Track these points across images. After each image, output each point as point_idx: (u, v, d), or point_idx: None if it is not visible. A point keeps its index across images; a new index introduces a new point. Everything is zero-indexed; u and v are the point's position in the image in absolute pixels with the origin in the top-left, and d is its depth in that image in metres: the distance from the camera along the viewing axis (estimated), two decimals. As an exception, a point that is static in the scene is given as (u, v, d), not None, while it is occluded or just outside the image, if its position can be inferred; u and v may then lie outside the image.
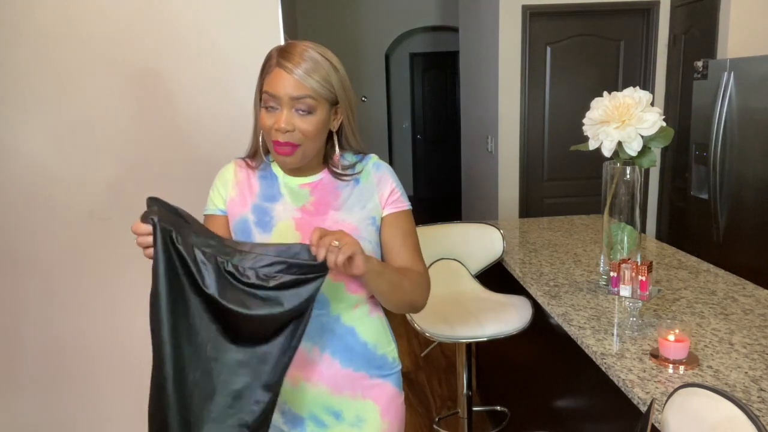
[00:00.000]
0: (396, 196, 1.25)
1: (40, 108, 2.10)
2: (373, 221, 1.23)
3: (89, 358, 2.28)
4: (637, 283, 1.64)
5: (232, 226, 1.24)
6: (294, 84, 1.11)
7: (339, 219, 1.20)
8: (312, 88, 1.11)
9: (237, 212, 1.24)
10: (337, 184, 1.24)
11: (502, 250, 2.33)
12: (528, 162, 4.12)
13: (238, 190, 1.25)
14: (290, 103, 1.12)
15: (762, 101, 2.90)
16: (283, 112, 1.12)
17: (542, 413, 2.23)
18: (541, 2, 3.87)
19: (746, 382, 1.34)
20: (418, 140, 8.32)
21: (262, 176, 1.26)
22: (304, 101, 1.12)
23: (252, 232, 1.21)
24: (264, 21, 2.11)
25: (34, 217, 2.16)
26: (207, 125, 2.15)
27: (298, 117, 1.13)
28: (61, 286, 2.21)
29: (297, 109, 1.12)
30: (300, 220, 1.21)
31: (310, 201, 1.22)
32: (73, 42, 2.07)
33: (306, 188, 1.23)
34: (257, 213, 1.22)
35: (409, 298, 1.21)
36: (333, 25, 6.98)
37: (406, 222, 1.26)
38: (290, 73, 1.11)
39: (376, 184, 1.24)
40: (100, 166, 2.16)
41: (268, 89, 1.13)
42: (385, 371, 1.29)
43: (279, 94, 1.11)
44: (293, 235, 1.20)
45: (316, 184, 1.24)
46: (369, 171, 1.25)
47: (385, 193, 1.24)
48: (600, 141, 1.74)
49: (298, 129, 1.13)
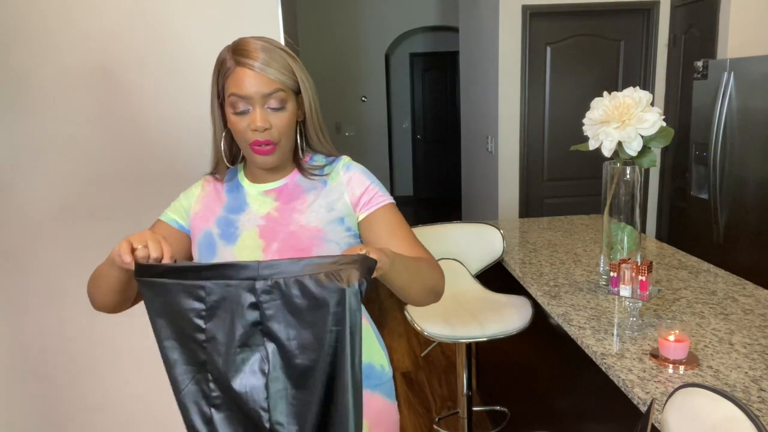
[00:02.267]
0: (371, 194, 1.20)
1: (41, 108, 2.10)
2: (342, 222, 1.18)
3: (90, 358, 2.28)
4: (637, 283, 1.64)
5: (197, 240, 1.21)
6: (261, 80, 1.09)
7: (304, 223, 1.16)
8: (279, 81, 1.10)
9: (201, 226, 1.22)
10: (303, 187, 1.21)
11: (502, 250, 2.33)
12: (528, 162, 4.12)
13: (203, 204, 1.24)
14: (262, 100, 1.10)
15: (762, 101, 2.90)
16: (257, 111, 1.10)
17: (542, 413, 2.23)
18: (541, 2, 3.87)
19: (746, 382, 1.34)
20: (418, 140, 8.32)
21: (230, 188, 1.24)
22: (276, 96, 1.10)
23: (216, 245, 1.18)
24: (264, 21, 2.11)
25: (34, 217, 2.16)
26: (206, 126, 2.14)
27: (271, 114, 1.11)
28: (61, 286, 2.21)
29: (269, 106, 1.11)
30: (264, 227, 1.18)
31: (274, 207, 1.19)
32: (73, 42, 2.07)
33: (271, 194, 1.21)
34: (222, 225, 1.20)
35: (431, 283, 1.13)
36: (333, 24, 6.97)
37: (389, 215, 1.20)
38: (253, 69, 1.08)
39: (346, 184, 1.20)
40: (100, 166, 2.16)
41: (235, 91, 1.09)
42: (373, 381, 1.24)
43: (249, 93, 1.09)
44: (257, 243, 1.17)
45: (281, 189, 1.21)
46: (338, 172, 1.22)
47: (357, 192, 1.20)
48: (600, 141, 1.74)
49: (274, 126, 1.12)
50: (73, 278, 2.20)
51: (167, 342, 0.97)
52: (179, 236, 1.23)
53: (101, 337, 2.27)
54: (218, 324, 0.95)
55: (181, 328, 0.96)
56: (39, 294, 2.22)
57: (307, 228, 1.16)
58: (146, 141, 2.16)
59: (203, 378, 0.97)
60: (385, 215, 1.20)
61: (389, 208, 1.21)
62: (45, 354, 2.26)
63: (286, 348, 0.94)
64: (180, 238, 1.23)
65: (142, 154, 2.17)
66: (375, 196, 1.21)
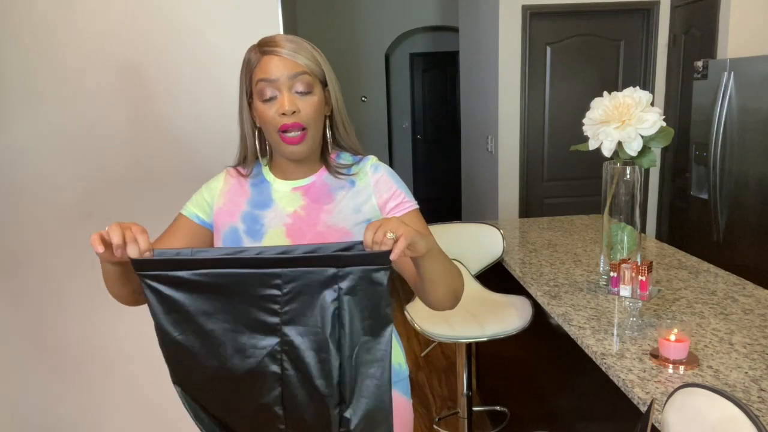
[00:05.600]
0: (399, 199, 1.20)
1: (39, 109, 2.10)
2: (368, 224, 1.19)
3: (90, 357, 2.28)
4: (637, 283, 1.64)
5: (222, 234, 1.20)
6: (287, 63, 1.11)
7: (331, 224, 1.17)
8: (306, 65, 1.12)
9: (226, 222, 1.21)
10: (331, 186, 1.21)
11: (502, 250, 2.33)
12: (528, 162, 4.12)
13: (226, 198, 1.23)
14: (288, 83, 1.11)
15: (762, 101, 2.90)
16: (285, 96, 1.11)
17: (542, 413, 2.23)
18: (541, 2, 3.87)
19: (746, 382, 1.34)
20: (418, 140, 8.32)
21: (254, 183, 1.23)
22: (301, 78, 1.11)
23: (242, 241, 1.18)
24: (264, 21, 2.11)
25: (35, 217, 2.16)
26: (206, 126, 2.15)
27: (299, 98, 1.12)
28: (61, 285, 2.21)
29: (296, 90, 1.12)
30: (291, 226, 1.17)
31: (301, 205, 1.19)
32: (73, 42, 2.07)
33: (298, 191, 1.21)
34: (247, 221, 1.19)
35: (457, 284, 1.15)
36: (333, 25, 6.97)
37: (414, 222, 1.19)
38: (279, 55, 1.11)
39: (374, 186, 1.21)
40: (100, 165, 2.16)
41: (262, 76, 1.11)
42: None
43: (276, 75, 1.10)
44: (284, 242, 1.16)
45: (309, 187, 1.21)
46: (366, 172, 1.22)
47: (384, 196, 1.20)
48: (600, 141, 1.74)
49: (302, 110, 1.12)
50: (74, 278, 2.20)
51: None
52: (200, 232, 1.22)
53: (102, 336, 2.27)
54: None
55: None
56: (39, 294, 2.22)
57: (335, 229, 1.16)
58: (146, 141, 2.16)
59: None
60: (411, 221, 1.19)
61: (415, 214, 1.22)
62: (45, 353, 2.27)
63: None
64: (199, 234, 1.22)
65: (142, 153, 2.17)
66: (402, 201, 1.21)
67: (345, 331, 0.96)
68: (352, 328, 0.96)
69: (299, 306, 0.96)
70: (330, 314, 0.96)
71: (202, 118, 2.15)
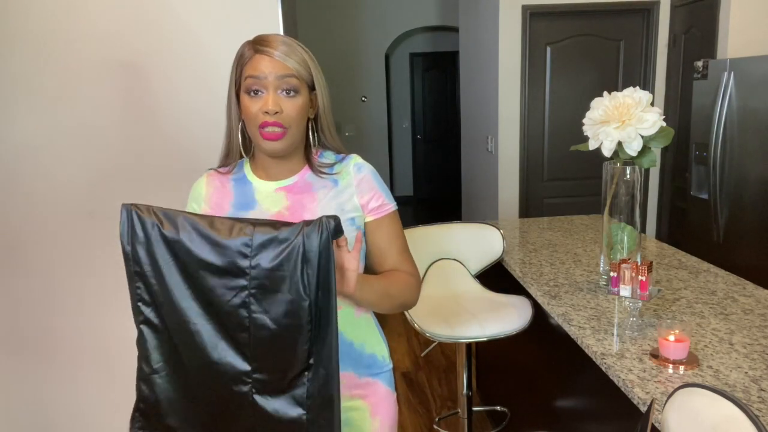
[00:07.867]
0: (379, 201, 1.25)
1: (40, 108, 2.10)
2: (353, 222, 1.22)
3: (89, 357, 2.28)
4: (637, 283, 1.64)
5: None
6: (277, 64, 1.13)
7: None
8: (295, 69, 1.15)
9: None
10: (314, 185, 1.23)
11: (502, 250, 2.33)
12: (528, 162, 4.12)
13: (212, 202, 1.25)
14: (276, 83, 1.13)
15: (762, 101, 2.90)
16: (270, 95, 1.14)
17: (542, 413, 2.23)
18: (541, 2, 3.87)
19: (746, 382, 1.34)
20: (418, 140, 8.32)
21: (236, 181, 1.26)
22: (288, 80, 1.14)
23: None
24: (264, 21, 2.11)
25: (35, 216, 2.16)
26: (206, 126, 2.15)
27: (283, 99, 1.14)
28: (61, 285, 2.21)
29: (282, 90, 1.14)
30: None
31: (285, 206, 1.21)
32: (74, 42, 2.07)
33: (281, 192, 1.23)
34: None
35: (398, 302, 1.22)
36: (333, 24, 6.97)
37: (392, 224, 1.26)
38: (271, 56, 1.14)
39: (356, 186, 1.23)
40: (101, 165, 2.16)
41: (252, 73, 1.14)
42: (374, 370, 1.30)
43: (264, 74, 1.13)
44: None
45: (292, 186, 1.23)
46: (349, 171, 1.24)
47: (366, 196, 1.23)
48: (600, 141, 1.74)
49: (285, 111, 1.14)
50: (75, 276, 2.20)
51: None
52: None
53: (101, 336, 2.27)
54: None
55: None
56: (39, 293, 2.22)
57: None
58: (147, 140, 2.16)
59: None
60: (389, 224, 1.26)
61: (393, 216, 1.27)
62: (45, 353, 2.26)
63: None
64: None
65: (142, 153, 2.17)
66: (383, 204, 1.26)
67: (312, 271, 0.99)
68: (319, 270, 0.99)
69: (267, 253, 1.00)
70: (297, 255, 0.98)
71: (202, 118, 2.15)
